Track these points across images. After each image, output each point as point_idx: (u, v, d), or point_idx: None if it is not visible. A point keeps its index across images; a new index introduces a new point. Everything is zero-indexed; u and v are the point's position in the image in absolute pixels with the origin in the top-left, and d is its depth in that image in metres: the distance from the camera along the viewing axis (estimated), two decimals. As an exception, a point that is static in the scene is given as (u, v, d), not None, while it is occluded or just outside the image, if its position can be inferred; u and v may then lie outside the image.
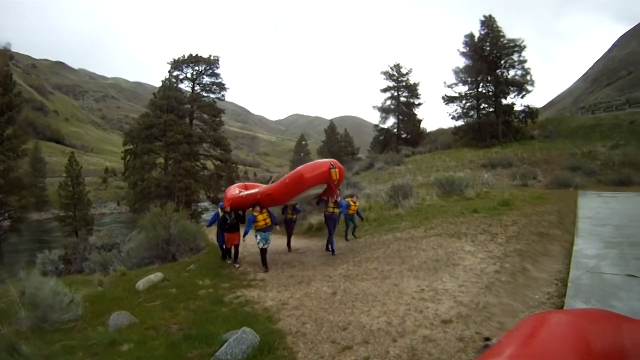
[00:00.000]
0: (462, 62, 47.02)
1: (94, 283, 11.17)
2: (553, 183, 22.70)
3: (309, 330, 5.76)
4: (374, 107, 57.45)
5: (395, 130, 56.72)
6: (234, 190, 12.75)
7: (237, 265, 11.12)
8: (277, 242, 12.60)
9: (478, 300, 6.01)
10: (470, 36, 45.73)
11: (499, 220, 12.06)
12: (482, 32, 45.08)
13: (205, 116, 44.40)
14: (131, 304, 8.37)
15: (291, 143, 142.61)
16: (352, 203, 13.12)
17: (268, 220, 10.72)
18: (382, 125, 57.10)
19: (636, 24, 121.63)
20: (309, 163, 11.54)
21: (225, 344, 5.17)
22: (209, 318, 6.79)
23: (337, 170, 10.70)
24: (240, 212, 11.62)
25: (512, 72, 44.10)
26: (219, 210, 11.60)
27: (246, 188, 13.42)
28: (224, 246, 11.84)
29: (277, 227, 11.53)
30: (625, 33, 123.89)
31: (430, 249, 9.58)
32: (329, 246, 12.02)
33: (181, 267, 11.63)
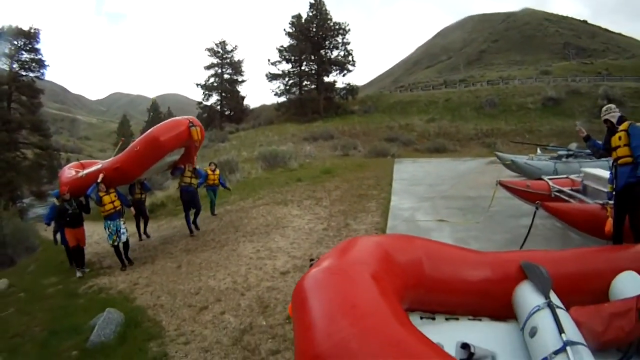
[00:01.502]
0: (287, 41, 48.85)
1: None
2: (372, 152, 24.36)
3: (165, 302, 6.35)
4: (197, 84, 56.58)
5: (218, 107, 56.79)
6: (69, 172, 10.38)
7: (78, 274, 8.81)
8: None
9: (310, 252, 7.35)
10: (298, 17, 48.18)
11: (322, 186, 13.58)
12: (310, 14, 47.57)
13: (24, 98, 37.92)
14: None
15: (113, 125, 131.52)
16: (210, 172, 11.47)
17: (117, 203, 8.69)
18: (205, 103, 56.72)
19: (461, 18, 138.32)
20: (163, 123, 9.56)
21: (95, 328, 5.44)
22: (68, 312, 6.84)
23: (197, 128, 9.20)
24: (82, 199, 9.15)
25: (335, 53, 47.59)
26: (55, 200, 9.35)
27: (83, 167, 10.92)
28: (69, 249, 9.42)
29: (132, 209, 10.01)
30: (451, 24, 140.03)
31: (260, 216, 10.63)
32: (190, 226, 10.45)
33: (22, 270, 11.10)
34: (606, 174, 6.48)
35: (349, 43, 47.59)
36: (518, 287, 3.29)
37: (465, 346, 2.62)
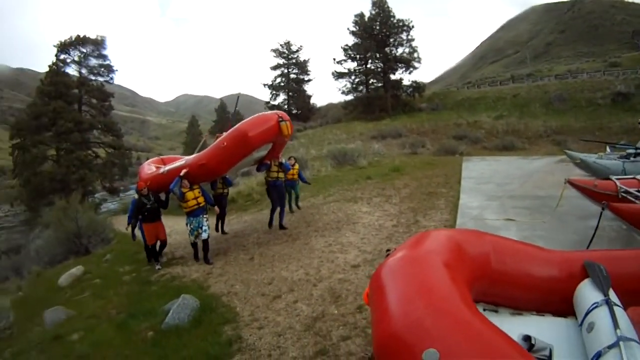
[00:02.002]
0: (351, 40, 48.83)
1: (12, 289, 10.86)
2: (440, 150, 24.23)
3: (239, 290, 6.48)
4: (264, 84, 57.78)
5: (285, 106, 57.23)
6: (149, 168, 10.32)
7: (157, 267, 8.85)
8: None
9: (380, 247, 7.26)
10: (361, 16, 48.08)
11: (391, 184, 13.44)
12: (373, 12, 47.38)
13: (94, 101, 41.22)
14: (60, 300, 8.24)
15: (182, 125, 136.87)
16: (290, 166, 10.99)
17: (201, 199, 8.46)
18: (272, 102, 57.39)
19: (525, 9, 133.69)
20: (251, 118, 8.90)
21: (171, 312, 5.67)
22: (143, 297, 7.10)
23: (287, 123, 8.69)
24: (162, 195, 9.17)
25: (400, 50, 47.05)
26: (135, 194, 9.11)
27: (164, 163, 10.93)
28: (147, 244, 9.28)
29: (216, 208, 9.69)
30: (515, 17, 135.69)
31: (331, 212, 10.64)
32: (272, 221, 10.24)
33: (98, 259, 11.52)
34: None
35: (413, 40, 47.01)
36: (580, 285, 3.34)
37: (527, 338, 2.72)
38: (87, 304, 7.58)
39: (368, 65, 48.09)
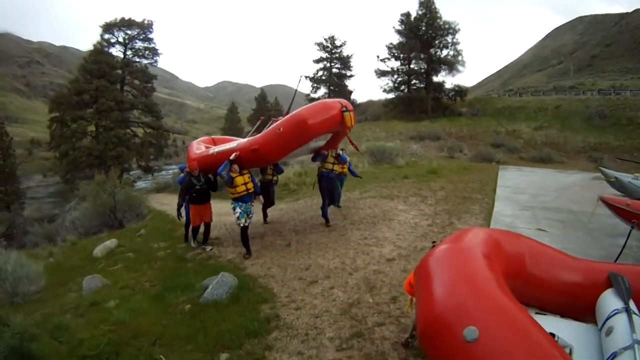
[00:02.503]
0: (396, 39, 48.74)
1: (43, 255, 11.12)
2: (477, 157, 24.35)
3: (276, 273, 6.60)
4: (306, 77, 57.50)
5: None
6: (199, 147, 9.82)
7: (208, 248, 8.60)
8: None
9: (415, 244, 7.31)
10: (407, 15, 47.88)
11: (427, 185, 13.51)
12: (420, 12, 47.22)
13: (137, 82, 42.29)
14: (93, 270, 8.40)
15: (219, 111, 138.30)
16: None
17: (250, 185, 7.99)
18: (313, 95, 56.84)
19: (572, 18, 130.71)
20: (312, 104, 8.29)
21: (210, 287, 5.83)
22: (179, 273, 7.21)
23: (351, 113, 7.98)
24: (210, 176, 8.73)
25: (444, 52, 46.76)
26: (185, 173, 8.90)
27: (214, 143, 10.36)
28: (189, 224, 9.10)
29: (261, 197, 8.63)
30: (561, 26, 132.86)
31: (367, 207, 10.70)
32: (326, 214, 9.63)
33: (131, 233, 11.76)
34: None
35: (458, 43, 46.65)
36: (603, 293, 3.60)
37: (551, 335, 2.80)
38: (121, 275, 7.78)
39: (411, 65, 47.94)
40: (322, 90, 57.48)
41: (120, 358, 4.53)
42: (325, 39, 57.15)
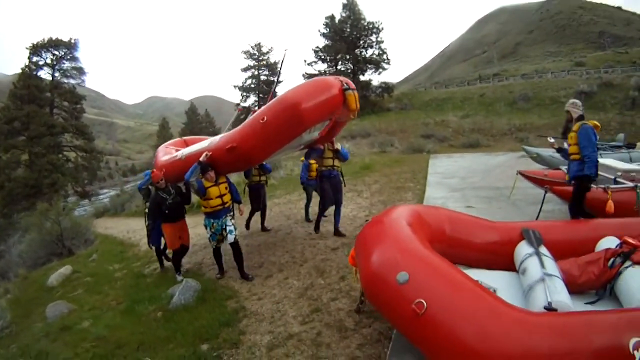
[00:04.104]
0: (322, 42, 50.09)
1: (0, 293, 10.97)
2: (409, 149, 25.39)
3: (233, 274, 7.02)
4: (234, 86, 58.01)
5: (256, 108, 56.11)
6: (167, 152, 8.30)
7: (178, 279, 7.25)
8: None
9: (355, 233, 8.06)
10: (331, 18, 49.40)
11: (362, 180, 14.47)
12: (344, 15, 48.78)
13: (66, 104, 41.31)
14: (53, 298, 8.39)
15: (150, 127, 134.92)
16: (312, 162, 9.52)
17: (227, 198, 6.58)
18: (243, 104, 56.98)
19: (493, 9, 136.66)
20: (304, 84, 6.22)
21: (176, 294, 6.25)
22: (141, 288, 7.56)
23: (355, 93, 6.24)
24: (181, 185, 7.07)
25: (369, 52, 48.69)
26: (150, 187, 7.62)
27: (186, 144, 8.95)
28: (161, 247, 8.08)
29: (241, 206, 7.15)
30: (483, 17, 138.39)
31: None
32: (315, 220, 8.92)
33: (84, 259, 11.97)
34: (617, 163, 7.87)
35: (382, 42, 48.65)
36: (518, 244, 4.40)
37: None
38: (85, 298, 7.94)
39: (338, 67, 49.33)
40: (252, 99, 57.91)
41: (110, 367, 4.96)
42: (251, 47, 57.96)
